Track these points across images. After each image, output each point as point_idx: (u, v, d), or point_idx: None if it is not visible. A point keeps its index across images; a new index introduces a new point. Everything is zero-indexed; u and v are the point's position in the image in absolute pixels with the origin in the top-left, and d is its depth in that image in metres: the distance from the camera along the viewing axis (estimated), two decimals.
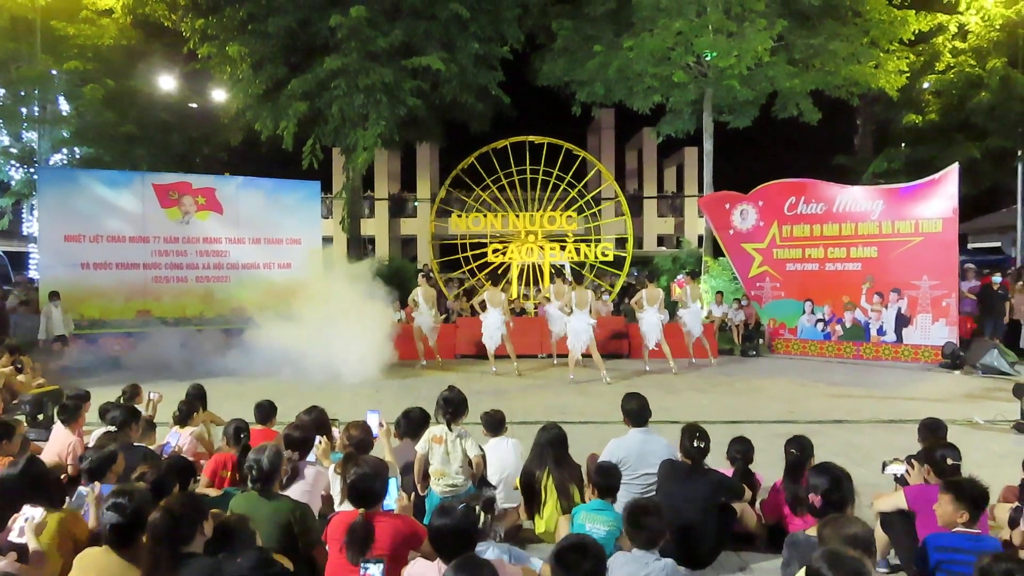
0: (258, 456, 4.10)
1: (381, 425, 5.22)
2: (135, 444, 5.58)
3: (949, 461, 4.44)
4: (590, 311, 12.21)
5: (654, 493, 5.04)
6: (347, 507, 3.96)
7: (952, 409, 9.80)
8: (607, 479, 4.52)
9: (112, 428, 5.69)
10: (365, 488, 3.75)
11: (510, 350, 12.92)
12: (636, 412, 5.37)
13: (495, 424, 5.75)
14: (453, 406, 5.06)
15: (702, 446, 4.84)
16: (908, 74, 17.82)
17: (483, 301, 13.06)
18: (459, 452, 4.90)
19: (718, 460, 5.33)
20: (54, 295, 13.74)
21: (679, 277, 15.01)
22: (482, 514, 3.56)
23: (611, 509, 4.47)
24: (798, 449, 5.05)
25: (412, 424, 5.19)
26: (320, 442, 5.00)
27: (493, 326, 12.84)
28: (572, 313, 12.22)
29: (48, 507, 3.81)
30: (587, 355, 12.40)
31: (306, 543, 3.99)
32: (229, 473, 5.27)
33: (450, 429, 5.00)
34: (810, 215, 15.61)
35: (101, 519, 3.61)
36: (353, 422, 5.11)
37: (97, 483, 3.99)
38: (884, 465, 4.98)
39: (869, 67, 17.17)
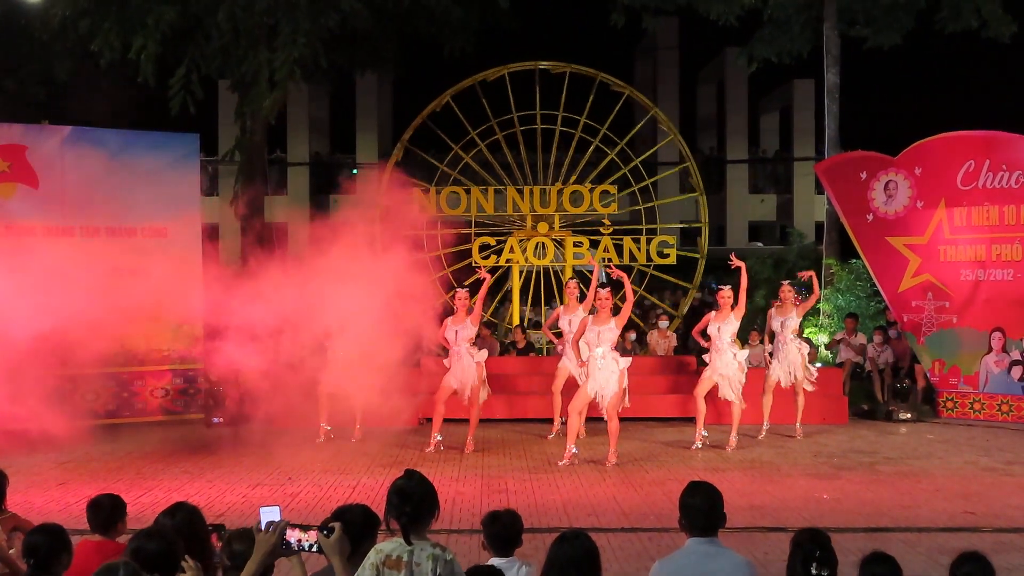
0: None
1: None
2: None
3: None
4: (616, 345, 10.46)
5: None
6: None
7: None
8: None
9: None
10: None
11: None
12: (700, 512, 4.40)
13: (505, 538, 4.63)
14: (414, 503, 4.01)
15: (824, 574, 3.93)
16: None
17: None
18: None
19: None
20: None
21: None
22: None
23: None
24: (979, 573, 4.16)
25: (353, 533, 3.93)
26: (188, 565, 3.92)
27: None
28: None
29: None
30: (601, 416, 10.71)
31: None
32: None
33: (409, 543, 3.99)
34: (1000, 190, 13.64)
35: None
36: (237, 532, 4.25)
37: None
38: None
39: None
